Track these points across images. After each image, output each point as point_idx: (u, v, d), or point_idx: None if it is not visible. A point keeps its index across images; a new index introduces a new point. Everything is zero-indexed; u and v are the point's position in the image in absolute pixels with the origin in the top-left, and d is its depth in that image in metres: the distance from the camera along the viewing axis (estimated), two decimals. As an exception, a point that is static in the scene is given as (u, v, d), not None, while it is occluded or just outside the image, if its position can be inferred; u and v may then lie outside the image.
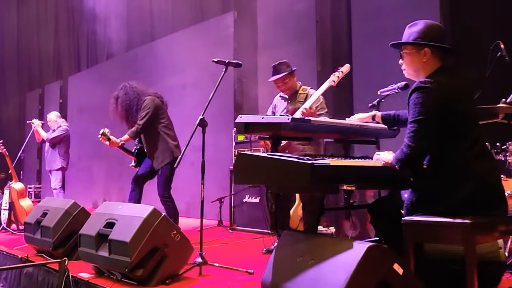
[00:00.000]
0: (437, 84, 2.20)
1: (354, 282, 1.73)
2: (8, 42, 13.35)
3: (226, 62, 3.43)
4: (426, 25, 2.32)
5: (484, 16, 4.58)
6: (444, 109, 2.16)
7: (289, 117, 2.34)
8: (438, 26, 2.36)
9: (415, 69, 2.35)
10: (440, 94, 2.17)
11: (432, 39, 2.28)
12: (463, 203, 2.10)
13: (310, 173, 1.98)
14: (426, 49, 2.28)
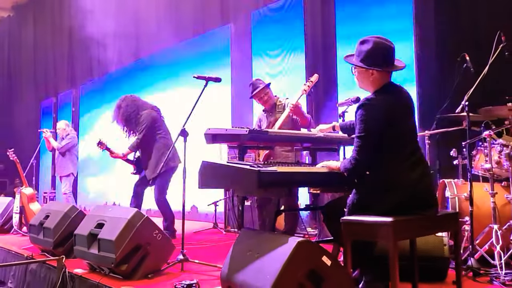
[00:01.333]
0: (379, 101, 2.48)
1: (286, 270, 2.05)
2: (26, 54, 13.99)
3: (206, 77, 3.77)
4: (374, 45, 2.50)
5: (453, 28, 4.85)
6: (384, 125, 2.44)
7: (247, 129, 2.67)
8: (385, 45, 2.53)
9: (365, 84, 2.63)
10: (381, 111, 2.44)
11: (377, 61, 2.50)
12: (395, 206, 2.39)
13: (257, 179, 2.29)
14: (371, 71, 2.53)
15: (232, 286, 2.39)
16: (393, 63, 2.57)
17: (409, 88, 4.87)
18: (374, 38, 2.53)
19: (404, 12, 5.03)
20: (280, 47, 6.26)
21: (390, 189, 2.41)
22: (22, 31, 14.23)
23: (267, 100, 4.25)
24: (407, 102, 2.61)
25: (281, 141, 3.02)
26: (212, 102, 6.49)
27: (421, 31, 4.95)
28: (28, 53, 13.88)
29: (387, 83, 2.58)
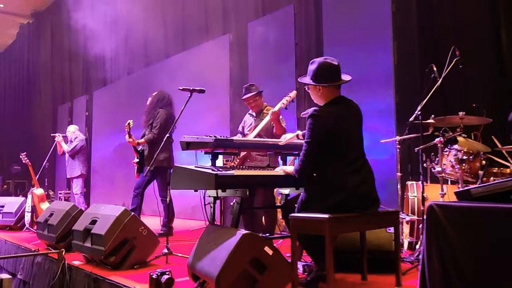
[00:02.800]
0: (325, 113, 2.86)
1: (232, 258, 2.43)
2: (44, 59, 14.65)
3: (191, 89, 4.17)
4: (319, 65, 2.93)
5: (427, 40, 5.17)
6: (328, 134, 2.82)
7: (213, 137, 3.07)
8: (328, 64, 2.94)
9: (316, 99, 3.02)
10: (326, 122, 2.83)
11: (322, 79, 2.91)
12: (337, 204, 2.75)
13: (215, 181, 2.70)
14: (318, 87, 2.93)
15: (194, 273, 2.80)
16: (337, 79, 2.93)
17: (388, 96, 5.27)
18: (320, 59, 2.94)
19: (384, 27, 5.36)
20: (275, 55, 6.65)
21: (333, 190, 2.78)
22: (41, 38, 14.91)
23: (255, 106, 4.64)
24: (353, 114, 2.97)
25: (246, 148, 3.41)
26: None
27: (398, 44, 5.28)
28: (47, 58, 14.54)
29: (336, 97, 2.96)
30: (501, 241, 1.87)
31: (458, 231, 2.00)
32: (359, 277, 3.17)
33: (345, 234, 3.37)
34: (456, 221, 2.01)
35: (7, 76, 18.71)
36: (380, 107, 5.35)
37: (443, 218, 2.05)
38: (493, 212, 1.90)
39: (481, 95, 4.73)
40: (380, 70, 5.38)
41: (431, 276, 2.09)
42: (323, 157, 2.81)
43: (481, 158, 3.81)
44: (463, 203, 2.03)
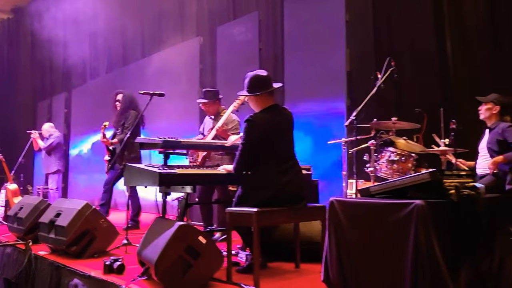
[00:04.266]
0: (259, 118, 3.24)
1: (169, 245, 2.79)
2: (24, 56, 14.76)
3: (151, 93, 4.50)
4: (251, 78, 3.34)
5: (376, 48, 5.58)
6: (261, 137, 3.19)
7: (162, 139, 3.42)
8: (259, 76, 3.35)
9: (253, 107, 3.41)
10: (259, 126, 3.21)
11: (254, 89, 3.30)
12: (267, 200, 3.13)
13: (159, 179, 3.05)
14: (253, 96, 3.32)
15: (141, 259, 3.15)
16: (268, 87, 3.31)
17: (340, 100, 5.66)
18: (251, 73, 3.37)
19: (338, 35, 5.75)
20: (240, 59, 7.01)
21: (264, 187, 3.15)
22: (21, 34, 15.01)
23: (210, 110, 4.97)
24: (284, 120, 3.35)
25: (194, 149, 3.78)
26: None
27: (351, 51, 5.68)
28: (26, 55, 14.66)
29: (270, 105, 3.34)
30: (379, 231, 2.26)
31: (351, 223, 2.39)
32: (293, 265, 3.55)
33: (283, 227, 3.77)
34: (349, 214, 2.40)
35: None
36: (334, 110, 5.75)
37: (340, 212, 2.44)
38: (373, 206, 2.28)
39: (423, 101, 5.15)
40: (334, 75, 5.77)
41: (331, 262, 2.47)
42: (256, 157, 3.18)
43: (412, 159, 4.21)
44: (355, 199, 2.42)
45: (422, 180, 2.35)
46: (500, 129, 4.09)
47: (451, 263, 2.16)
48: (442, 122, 4.16)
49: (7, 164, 7.77)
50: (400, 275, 2.16)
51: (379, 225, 2.25)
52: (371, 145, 4.18)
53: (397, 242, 2.18)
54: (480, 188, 2.37)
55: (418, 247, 2.09)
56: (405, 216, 2.15)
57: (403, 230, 2.15)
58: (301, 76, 6.16)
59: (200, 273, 2.89)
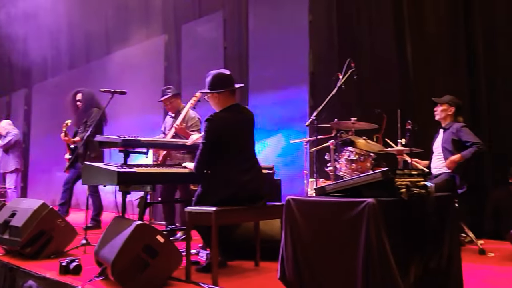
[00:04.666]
0: (219, 118, 3.24)
1: (126, 245, 2.77)
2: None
3: (112, 91, 4.43)
4: (213, 76, 3.32)
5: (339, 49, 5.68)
6: (221, 136, 3.19)
7: (122, 137, 3.38)
8: (222, 75, 3.34)
9: (213, 105, 3.39)
10: (218, 126, 3.21)
11: (215, 86, 3.30)
12: (227, 198, 3.14)
13: (117, 178, 3.02)
14: (215, 94, 3.31)
15: (99, 259, 3.11)
16: (230, 86, 3.32)
17: (304, 100, 5.73)
18: (214, 71, 3.35)
19: (301, 35, 5.82)
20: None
21: (223, 186, 3.16)
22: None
23: (171, 107, 4.95)
24: (245, 120, 3.36)
25: (154, 147, 3.76)
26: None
27: (314, 52, 5.76)
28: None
29: (231, 104, 3.34)
30: (331, 228, 2.30)
31: (306, 221, 2.43)
32: (253, 264, 3.57)
33: (244, 225, 3.79)
34: (305, 213, 2.43)
35: None
36: (297, 110, 5.82)
37: (296, 211, 2.48)
38: (327, 205, 2.33)
39: (383, 101, 5.27)
40: (298, 75, 5.84)
41: (287, 261, 2.51)
42: (217, 156, 3.19)
43: (371, 159, 4.31)
44: (310, 198, 2.46)
45: (374, 179, 2.41)
46: (454, 129, 4.23)
47: (402, 261, 2.22)
48: (399, 122, 4.27)
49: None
50: (352, 274, 2.21)
51: (333, 223, 2.30)
52: (331, 145, 4.26)
53: (350, 240, 2.23)
54: (430, 187, 2.45)
55: (369, 245, 2.14)
56: (357, 215, 2.20)
57: (355, 229, 2.20)
58: (265, 76, 6.21)
59: (158, 272, 2.87)
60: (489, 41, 4.77)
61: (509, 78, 4.65)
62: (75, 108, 5.89)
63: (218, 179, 3.19)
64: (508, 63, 4.65)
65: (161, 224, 6.30)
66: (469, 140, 4.11)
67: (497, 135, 4.66)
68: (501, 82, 4.71)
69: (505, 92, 4.68)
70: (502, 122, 4.67)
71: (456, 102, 4.35)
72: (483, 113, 4.77)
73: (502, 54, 4.70)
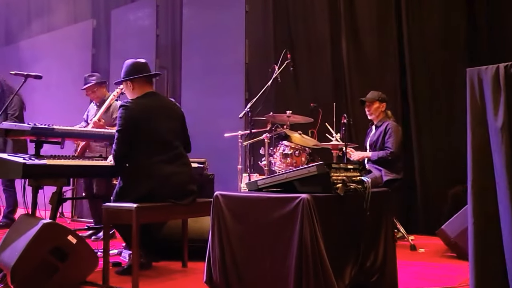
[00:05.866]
0: (134, 105, 2.96)
1: (30, 247, 2.42)
2: None
3: (25, 74, 3.97)
4: (128, 64, 3.13)
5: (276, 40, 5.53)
6: (136, 124, 2.90)
7: (31, 125, 2.99)
8: (136, 62, 3.14)
9: (128, 94, 3.16)
10: (133, 112, 2.92)
11: (129, 74, 3.08)
12: (147, 193, 2.85)
13: (22, 169, 2.64)
14: (129, 82, 3.09)
15: (0, 264, 2.72)
16: (141, 73, 3.09)
17: (240, 92, 5.52)
18: (129, 60, 3.14)
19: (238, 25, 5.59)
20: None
21: (143, 179, 2.87)
22: None
23: (94, 96, 4.55)
24: (165, 107, 3.11)
25: (71, 137, 3.39)
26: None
27: (250, 42, 5.56)
28: None
29: (147, 92, 3.10)
30: (263, 226, 2.11)
31: (235, 219, 2.22)
32: (180, 264, 3.32)
33: (172, 223, 3.51)
34: (234, 209, 2.22)
35: None
36: (233, 102, 5.59)
37: (225, 207, 2.26)
38: (258, 201, 2.13)
39: (319, 95, 5.18)
40: (233, 66, 5.62)
41: (213, 262, 2.28)
42: (135, 147, 2.90)
43: (306, 153, 4.19)
44: (240, 193, 2.25)
45: (309, 173, 2.24)
46: (385, 128, 4.18)
47: (337, 260, 2.07)
48: (334, 116, 4.18)
49: None
50: (284, 276, 2.03)
51: (264, 221, 2.10)
52: (266, 138, 4.08)
53: (282, 240, 2.04)
54: (367, 182, 2.32)
55: (303, 244, 1.97)
56: (291, 212, 2.02)
57: (289, 227, 2.02)
58: (199, 66, 5.93)
59: (70, 277, 2.55)
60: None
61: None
62: None
63: (138, 172, 2.89)
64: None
65: (87, 222, 5.86)
66: (388, 145, 4.11)
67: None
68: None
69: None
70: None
71: (383, 96, 4.31)
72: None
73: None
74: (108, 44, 7.06)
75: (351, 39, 5.20)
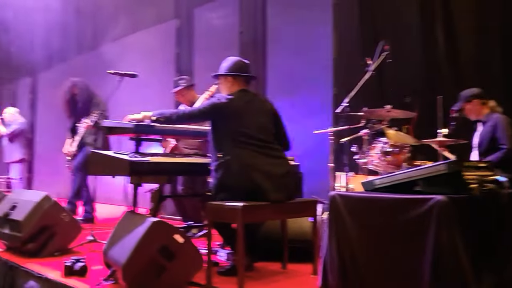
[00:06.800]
0: (229, 99, 2.97)
1: (140, 246, 2.39)
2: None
3: (122, 73, 4.05)
4: (232, 62, 3.14)
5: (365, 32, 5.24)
6: (229, 117, 2.89)
7: (134, 123, 2.99)
8: (242, 62, 3.17)
9: (224, 90, 3.13)
10: (228, 104, 2.94)
11: (233, 71, 3.08)
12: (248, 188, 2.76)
13: (129, 167, 2.64)
14: (230, 78, 3.05)
15: (107, 261, 2.74)
16: (243, 73, 3.11)
17: (328, 87, 5.31)
18: (233, 57, 3.19)
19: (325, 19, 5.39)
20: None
21: (242, 173, 2.78)
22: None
23: (184, 100, 4.55)
24: (257, 103, 3.09)
25: (170, 134, 3.37)
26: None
27: (339, 35, 5.32)
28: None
29: (241, 89, 3.08)
30: (387, 229, 1.91)
31: (356, 221, 2.04)
32: (279, 265, 3.19)
33: (269, 222, 3.39)
34: (354, 211, 2.04)
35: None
36: (321, 98, 5.40)
37: (343, 208, 2.09)
38: (383, 202, 1.94)
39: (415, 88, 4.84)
40: (320, 61, 5.42)
41: (331, 266, 2.12)
42: (229, 140, 2.86)
43: (407, 151, 3.90)
44: (360, 194, 2.07)
45: (437, 172, 2.02)
46: (493, 122, 3.71)
47: (475, 267, 1.84)
48: (440, 110, 3.83)
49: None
50: (415, 280, 1.83)
51: (391, 223, 1.91)
52: (364, 135, 3.85)
53: (413, 243, 1.85)
54: (504, 182, 2.05)
55: (439, 249, 1.76)
56: (424, 214, 1.81)
57: (421, 230, 1.81)
58: (284, 61, 5.79)
59: (176, 277, 2.50)
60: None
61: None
62: (72, 101, 5.53)
63: (235, 166, 2.80)
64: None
65: (171, 218, 5.94)
66: (502, 141, 3.53)
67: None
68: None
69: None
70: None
71: (476, 92, 3.81)
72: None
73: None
74: (191, 43, 7.11)
75: (445, 29, 4.79)
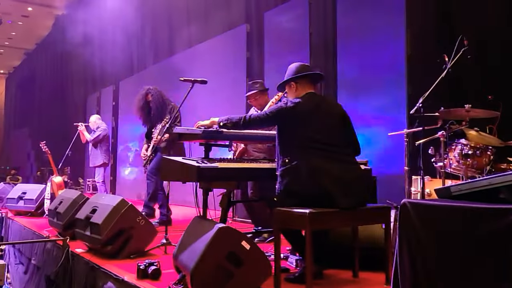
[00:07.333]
0: (296, 103, 2.92)
1: (207, 251, 2.41)
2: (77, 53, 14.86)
3: (192, 79, 4.14)
4: (290, 69, 3.11)
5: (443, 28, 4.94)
6: (296, 120, 2.84)
7: (202, 129, 3.03)
8: (299, 65, 3.12)
9: (291, 97, 3.07)
10: (296, 108, 2.88)
11: (293, 74, 3.04)
12: (317, 193, 2.68)
13: (196, 173, 2.67)
14: (292, 83, 3.03)
15: (177, 265, 2.79)
16: (305, 74, 3.05)
17: (401, 87, 5.08)
18: (291, 65, 3.15)
19: (397, 14, 5.17)
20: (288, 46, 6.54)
21: (312, 178, 2.71)
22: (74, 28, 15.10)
23: (256, 104, 4.55)
24: (326, 107, 2.97)
25: (238, 139, 3.37)
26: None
27: (412, 32, 5.08)
28: (79, 49, 14.74)
29: (308, 92, 3.02)
30: (464, 241, 1.76)
31: (428, 230, 1.90)
32: (350, 274, 3.09)
33: (340, 228, 3.29)
34: (427, 220, 1.91)
35: (43, 68, 19.29)
36: (393, 99, 5.18)
37: (415, 216, 1.96)
38: (461, 211, 1.79)
39: (498, 87, 4.49)
40: (393, 60, 5.20)
41: (402, 276, 2.00)
42: (297, 143, 2.81)
43: (490, 153, 3.62)
44: (434, 202, 1.93)
45: (524, 178, 1.83)
46: None
47: None
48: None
49: (59, 157, 7.75)
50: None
51: (470, 234, 1.75)
52: (441, 137, 3.62)
53: (495, 257, 1.68)
54: None
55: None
56: (510, 225, 1.64)
57: (505, 243, 1.64)
58: (355, 61, 5.62)
59: (244, 284, 2.49)
60: None
61: None
62: (146, 107, 5.75)
63: (304, 170, 2.73)
64: None
65: (244, 222, 5.99)
66: None
67: None
68: None
69: None
70: None
71: None
72: None
73: None
74: (262, 47, 7.14)
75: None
